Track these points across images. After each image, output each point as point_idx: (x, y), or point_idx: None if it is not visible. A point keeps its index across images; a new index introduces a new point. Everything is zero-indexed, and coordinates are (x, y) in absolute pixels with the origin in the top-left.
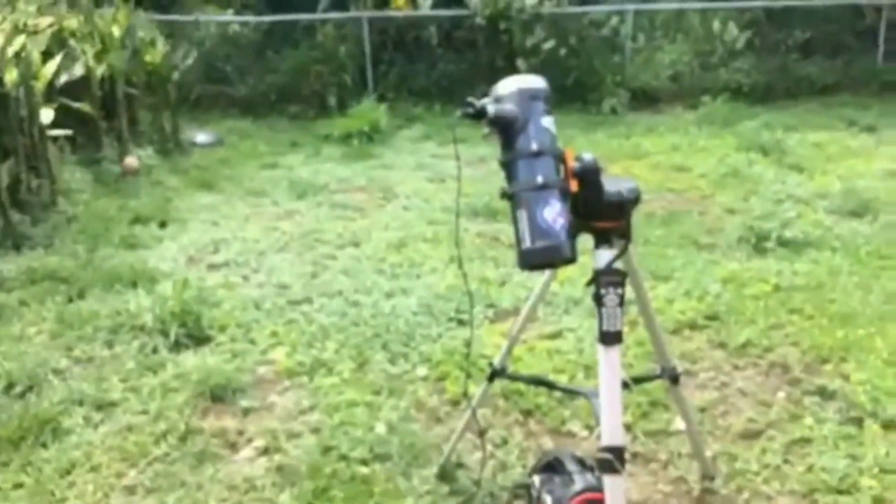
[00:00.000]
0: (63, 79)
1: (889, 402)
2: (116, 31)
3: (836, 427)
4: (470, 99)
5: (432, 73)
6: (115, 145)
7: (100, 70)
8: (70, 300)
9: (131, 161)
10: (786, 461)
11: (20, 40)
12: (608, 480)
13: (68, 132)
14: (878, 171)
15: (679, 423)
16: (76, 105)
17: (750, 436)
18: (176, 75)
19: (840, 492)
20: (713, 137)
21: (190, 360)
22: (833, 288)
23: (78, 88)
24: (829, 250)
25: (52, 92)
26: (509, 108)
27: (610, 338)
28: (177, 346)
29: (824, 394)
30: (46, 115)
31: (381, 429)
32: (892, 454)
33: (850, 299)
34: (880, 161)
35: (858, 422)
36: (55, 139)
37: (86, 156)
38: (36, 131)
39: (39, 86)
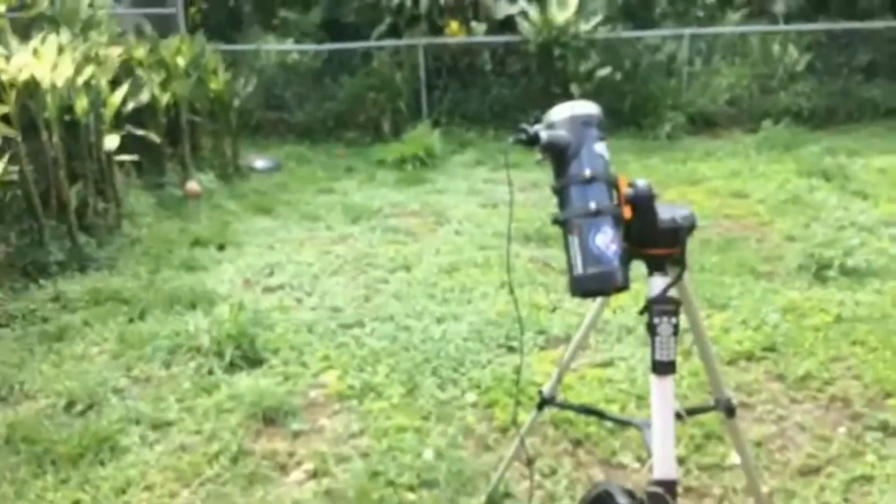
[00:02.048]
0: (130, 106)
1: None
2: (181, 61)
3: None
4: (523, 125)
5: (486, 99)
6: (178, 170)
7: (165, 98)
8: (131, 321)
9: (193, 186)
10: (846, 500)
11: (90, 70)
12: None
13: (134, 157)
14: None
15: (734, 458)
16: (141, 132)
17: (808, 472)
18: (237, 102)
19: None
20: (773, 162)
21: (244, 381)
22: None
23: (144, 116)
24: (893, 280)
25: (119, 119)
26: (562, 134)
27: (663, 367)
28: (231, 368)
29: (887, 430)
30: (113, 141)
31: (428, 455)
32: None
33: None
34: None
35: None
36: (121, 164)
37: (150, 181)
38: (104, 157)
39: (108, 113)
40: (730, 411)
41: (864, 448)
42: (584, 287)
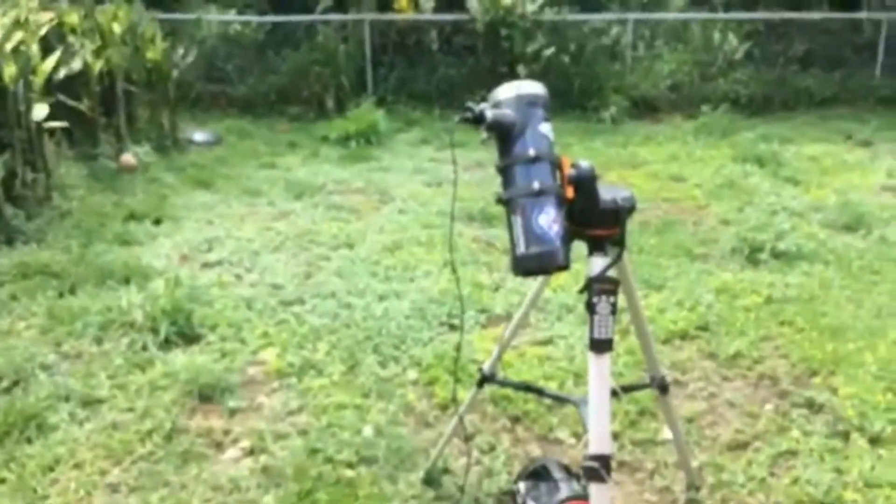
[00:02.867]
0: (62, 74)
1: (876, 417)
2: (117, 28)
3: (822, 440)
4: (469, 104)
5: (432, 78)
6: (113, 142)
7: (98, 66)
8: (61, 295)
9: (128, 158)
10: (771, 473)
11: (19, 35)
12: (594, 489)
13: (64, 124)
14: (873, 186)
15: (667, 433)
16: (74, 102)
17: (737, 447)
18: (176, 73)
19: None
20: (710, 148)
21: (179, 358)
22: (825, 301)
23: (76, 84)
24: (821, 263)
25: (50, 87)
26: (508, 113)
27: (601, 346)
28: (166, 344)
29: (812, 407)
30: (42, 109)
31: (368, 432)
32: (877, 468)
33: (841, 313)
34: (875, 175)
35: (845, 435)
36: (52, 133)
37: (83, 152)
38: (33, 126)
39: (37, 81)
40: (663, 389)
41: (790, 424)
42: (527, 266)
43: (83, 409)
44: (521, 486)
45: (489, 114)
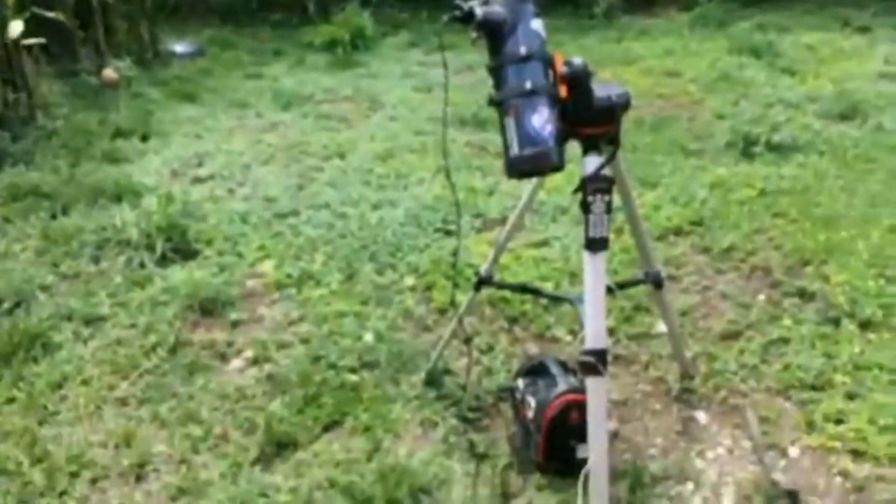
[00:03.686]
0: None
1: (867, 303)
2: None
3: (813, 327)
4: (458, 2)
5: None
6: (93, 56)
7: None
8: (54, 216)
9: (110, 73)
10: (763, 360)
11: None
12: (590, 382)
13: (42, 40)
14: (870, 74)
15: (661, 327)
16: (49, 14)
17: (729, 337)
18: None
19: (814, 388)
20: (706, 40)
21: (177, 273)
22: (818, 192)
23: None
24: (816, 154)
25: (24, 2)
26: (497, 10)
27: (596, 244)
28: (164, 261)
29: (804, 295)
30: (17, 26)
31: (369, 338)
32: (866, 352)
33: (835, 203)
34: (873, 63)
35: (836, 322)
36: (29, 50)
37: (62, 68)
38: (10, 44)
39: None
40: (658, 284)
41: (782, 313)
42: (521, 167)
43: (86, 327)
44: (520, 382)
45: (478, 11)
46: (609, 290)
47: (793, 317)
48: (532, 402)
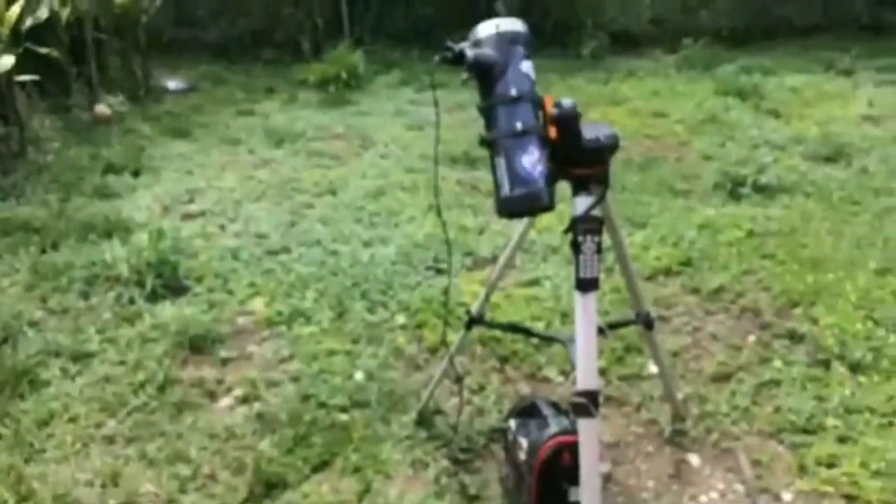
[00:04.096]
0: (28, 23)
1: (855, 345)
2: None
3: (804, 369)
4: (449, 43)
5: (410, 17)
6: (85, 92)
7: (65, 13)
8: (43, 251)
9: (102, 108)
10: (754, 402)
11: None
12: (582, 424)
13: (35, 77)
14: (853, 116)
15: (652, 367)
16: (43, 50)
17: (720, 378)
18: (145, 19)
19: (806, 431)
20: (692, 82)
21: (167, 310)
22: (805, 233)
23: (44, 33)
24: (802, 196)
25: (18, 37)
26: (488, 52)
27: (586, 284)
28: (153, 297)
29: (793, 337)
30: (9, 60)
31: (359, 376)
32: (857, 395)
33: (822, 245)
34: (856, 105)
35: (826, 364)
36: (23, 85)
37: (55, 103)
38: (2, 78)
39: (3, 31)
40: (648, 324)
41: (772, 354)
42: (512, 208)
43: (74, 363)
44: (512, 423)
45: (469, 53)
46: (600, 331)
47: (783, 358)
48: (524, 443)
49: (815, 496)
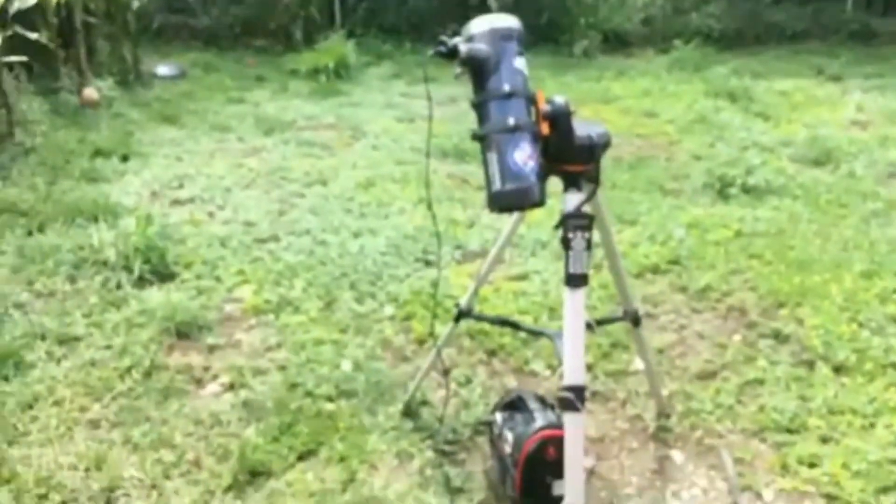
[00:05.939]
0: (16, 5)
1: (840, 346)
2: None
3: (788, 369)
4: (442, 37)
5: (402, 9)
6: (74, 75)
7: None
8: (30, 233)
9: (90, 92)
10: (739, 401)
11: None
12: (568, 418)
13: (23, 59)
14: (842, 120)
15: (638, 364)
16: (32, 34)
17: (705, 376)
18: (136, 3)
19: (789, 431)
20: (682, 83)
21: (155, 296)
22: (793, 235)
23: (33, 16)
24: (790, 198)
25: (5, 19)
26: (482, 47)
27: (576, 280)
28: (141, 282)
29: (779, 337)
30: None
31: (347, 366)
32: (840, 395)
33: (809, 246)
34: (845, 110)
35: (810, 364)
36: (10, 67)
37: (43, 86)
38: None
39: None
40: (636, 321)
41: (757, 354)
42: (502, 202)
43: (60, 346)
44: (498, 416)
45: (463, 48)
46: (588, 327)
47: (768, 358)
48: (509, 436)
49: (797, 495)
